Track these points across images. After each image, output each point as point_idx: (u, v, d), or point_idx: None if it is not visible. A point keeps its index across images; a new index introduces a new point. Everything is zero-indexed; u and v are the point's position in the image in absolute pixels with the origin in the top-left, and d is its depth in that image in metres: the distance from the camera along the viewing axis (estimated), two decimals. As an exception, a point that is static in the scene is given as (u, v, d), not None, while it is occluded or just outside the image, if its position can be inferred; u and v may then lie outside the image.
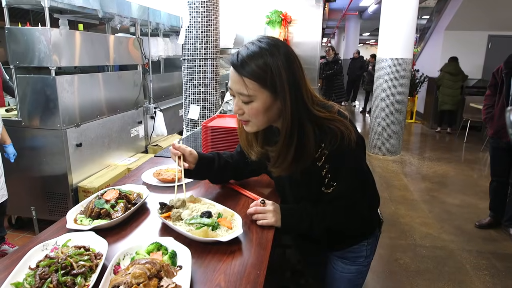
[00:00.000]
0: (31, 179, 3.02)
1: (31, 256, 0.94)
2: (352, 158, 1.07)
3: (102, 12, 3.31)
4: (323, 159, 1.06)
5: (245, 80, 1.00)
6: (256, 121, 1.07)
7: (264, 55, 0.99)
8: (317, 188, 1.11)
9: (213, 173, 1.39)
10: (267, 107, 1.03)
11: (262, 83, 0.99)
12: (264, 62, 0.98)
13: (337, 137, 1.02)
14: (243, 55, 1.01)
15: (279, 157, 1.08)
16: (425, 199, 4.13)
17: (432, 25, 8.70)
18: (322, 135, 1.04)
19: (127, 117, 3.81)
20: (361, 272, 1.34)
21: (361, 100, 12.19)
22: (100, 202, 1.20)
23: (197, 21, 3.00)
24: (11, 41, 2.77)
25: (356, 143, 1.04)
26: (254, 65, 0.99)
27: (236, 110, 1.08)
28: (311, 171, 1.09)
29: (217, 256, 1.01)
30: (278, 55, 1.00)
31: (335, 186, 1.09)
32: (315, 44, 5.44)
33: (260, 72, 0.99)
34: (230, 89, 1.07)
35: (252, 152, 1.22)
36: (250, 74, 0.99)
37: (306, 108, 1.04)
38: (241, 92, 1.02)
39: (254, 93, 1.01)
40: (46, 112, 2.87)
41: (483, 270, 2.77)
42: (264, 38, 1.04)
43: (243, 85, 1.01)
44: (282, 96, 1.00)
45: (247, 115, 1.06)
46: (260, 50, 1.00)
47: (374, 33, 18.21)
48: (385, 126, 5.60)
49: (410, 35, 5.33)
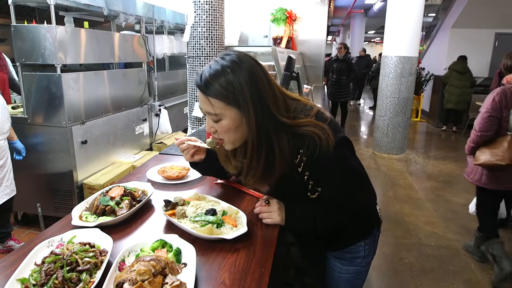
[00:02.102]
0: (36, 176, 3.04)
1: (37, 252, 0.95)
2: (332, 161, 1.03)
3: (107, 10, 3.31)
4: (302, 166, 1.05)
5: (211, 100, 1.00)
6: (229, 138, 1.07)
7: (226, 73, 0.99)
8: (301, 193, 1.11)
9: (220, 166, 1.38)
10: (236, 124, 1.03)
11: (227, 101, 1.00)
12: (226, 81, 0.99)
13: (314, 143, 1.00)
14: (206, 75, 1.01)
15: (250, 170, 1.09)
16: (430, 198, 4.10)
17: (438, 22, 8.63)
18: (298, 141, 1.02)
19: (132, 114, 3.82)
20: (360, 272, 1.33)
21: (366, 99, 12.15)
22: (105, 199, 1.21)
23: (202, 18, 3.00)
24: (17, 39, 2.79)
25: (336, 145, 1.01)
26: (217, 84, 0.99)
27: (208, 128, 1.08)
28: (293, 178, 1.08)
29: (222, 253, 1.01)
30: (239, 71, 0.99)
31: (319, 191, 1.09)
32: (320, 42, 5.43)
33: (223, 91, 0.99)
34: (200, 108, 1.08)
35: (230, 166, 1.23)
36: (214, 93, 0.99)
37: (274, 119, 1.02)
38: (209, 112, 1.03)
39: (221, 112, 1.01)
40: (51, 109, 2.88)
41: (488, 270, 2.75)
42: (227, 55, 1.04)
43: (210, 105, 1.01)
44: (246, 111, 1.00)
45: (220, 133, 1.06)
46: (222, 68, 1.00)
47: (380, 31, 18.13)
48: (390, 124, 5.57)
49: (416, 33, 5.29)
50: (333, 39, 24.95)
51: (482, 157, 2.48)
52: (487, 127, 2.45)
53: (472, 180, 2.66)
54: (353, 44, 15.05)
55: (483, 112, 2.47)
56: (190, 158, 1.32)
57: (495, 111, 2.43)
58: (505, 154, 2.37)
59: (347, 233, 1.26)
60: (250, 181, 1.12)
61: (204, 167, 1.39)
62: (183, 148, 1.31)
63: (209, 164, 1.36)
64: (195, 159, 1.33)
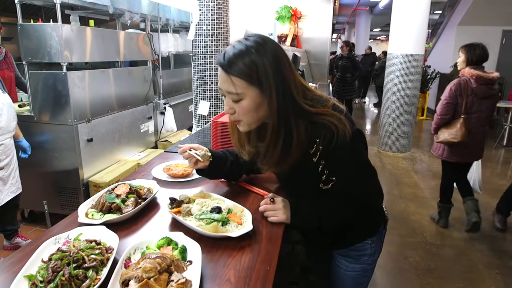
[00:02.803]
0: (43, 173, 3.07)
1: (44, 249, 0.96)
2: (348, 151, 1.05)
3: (113, 8, 3.32)
4: (318, 155, 1.05)
5: (233, 79, 1.00)
6: (247, 119, 1.07)
7: (251, 53, 0.99)
8: (314, 184, 1.11)
9: (226, 171, 1.39)
10: (256, 105, 1.03)
11: (250, 81, 1.00)
12: (250, 60, 0.99)
13: (331, 132, 1.01)
14: (230, 54, 1.01)
15: (267, 153, 1.08)
16: (436, 197, 4.05)
17: (445, 20, 8.56)
18: (315, 130, 1.03)
19: (137, 112, 3.83)
20: (366, 270, 1.32)
21: (371, 97, 12.09)
22: (111, 197, 1.21)
23: (207, 16, 3.00)
24: (24, 37, 2.80)
25: (352, 137, 1.03)
26: (241, 63, 0.99)
27: (227, 109, 1.08)
28: (307, 168, 1.08)
29: (227, 251, 1.01)
30: (264, 53, 1.00)
31: (334, 181, 1.07)
32: (325, 40, 5.41)
33: (247, 70, 0.99)
34: (220, 89, 1.08)
35: (244, 152, 1.22)
36: (237, 72, 0.99)
37: (295, 103, 1.03)
38: (230, 91, 1.02)
39: (242, 91, 1.01)
40: (57, 107, 2.90)
41: (495, 269, 2.74)
42: (251, 36, 1.04)
43: (231, 84, 1.01)
44: (269, 93, 1.00)
45: (238, 114, 1.06)
46: (247, 48, 1.00)
47: (385, 29, 18.02)
48: (396, 122, 5.54)
49: (422, 30, 5.25)
50: (338, 37, 24.84)
51: (441, 136, 3.04)
52: (445, 111, 3.00)
53: (437, 154, 3.24)
54: (359, 42, 14.96)
55: (443, 99, 3.02)
56: (194, 166, 1.32)
57: (451, 98, 2.96)
58: (457, 133, 2.94)
59: (354, 231, 1.25)
60: (266, 165, 1.12)
61: (209, 173, 1.38)
62: (185, 157, 1.31)
63: (215, 170, 1.36)
64: (199, 166, 1.32)
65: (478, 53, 2.99)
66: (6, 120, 2.47)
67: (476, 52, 2.99)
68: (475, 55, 2.98)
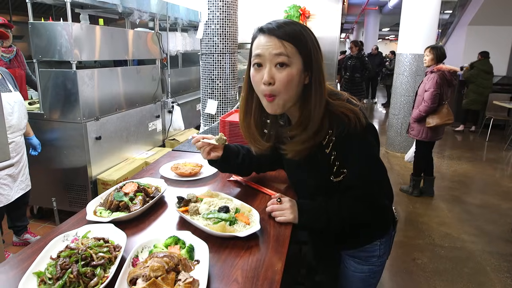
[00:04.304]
0: (52, 170, 3.10)
1: (52, 246, 0.96)
2: (361, 144, 1.05)
3: (122, 7, 3.34)
4: (330, 146, 1.05)
5: (283, 42, 0.99)
6: (286, 93, 1.02)
7: (298, 26, 1.02)
8: (325, 176, 1.10)
9: (238, 164, 1.39)
10: (299, 77, 1.02)
11: (299, 47, 1.00)
12: (300, 31, 1.01)
13: (344, 123, 1.01)
14: (279, 22, 1.02)
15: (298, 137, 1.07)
16: (445, 199, 4.04)
17: (455, 20, 8.46)
18: (330, 121, 1.04)
19: (145, 111, 3.85)
20: (374, 272, 1.31)
21: (379, 97, 12.00)
22: (119, 195, 1.22)
23: (216, 15, 3.00)
24: (34, 36, 2.83)
25: (365, 129, 1.03)
26: (291, 30, 1.00)
27: (267, 79, 1.00)
28: (319, 159, 1.08)
29: (235, 251, 1.01)
30: (310, 33, 1.03)
31: (345, 173, 1.07)
32: (333, 40, 5.37)
33: (298, 36, 1.00)
34: (259, 56, 1.02)
35: (259, 146, 1.21)
36: (288, 35, 0.99)
37: (324, 89, 1.05)
38: (280, 52, 0.99)
39: (291, 55, 1.00)
40: (67, 105, 2.93)
41: (505, 272, 2.70)
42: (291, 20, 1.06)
43: (281, 46, 0.99)
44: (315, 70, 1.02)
45: (278, 85, 1.01)
46: (292, 22, 1.03)
47: (394, 29, 17.86)
48: (404, 123, 5.48)
49: (432, 30, 5.19)
50: (346, 37, 24.69)
51: (432, 121, 3.59)
52: (435, 100, 3.53)
53: (421, 138, 3.75)
54: (367, 42, 14.84)
55: (432, 91, 3.52)
56: (207, 156, 1.33)
57: (438, 89, 3.52)
58: (449, 116, 3.59)
59: (364, 231, 1.24)
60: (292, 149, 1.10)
61: (222, 164, 1.38)
62: (198, 146, 1.31)
63: (228, 161, 1.36)
64: (212, 157, 1.33)
65: (442, 52, 3.63)
66: (17, 118, 2.50)
67: (441, 51, 3.63)
68: (441, 53, 3.62)
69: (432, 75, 3.57)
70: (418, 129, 3.74)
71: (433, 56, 3.61)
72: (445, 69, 3.55)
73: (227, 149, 1.34)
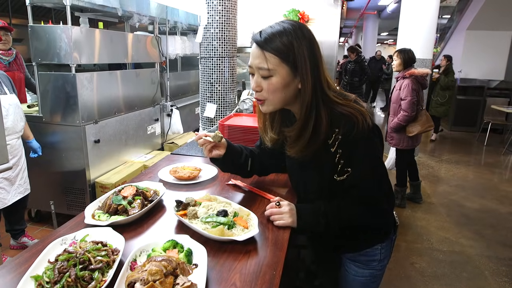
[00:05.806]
0: (50, 173, 3.09)
1: (50, 250, 0.96)
2: (367, 144, 1.06)
3: (122, 11, 3.35)
4: (336, 145, 1.06)
5: (266, 55, 1.03)
6: (273, 98, 1.08)
7: (288, 34, 1.03)
8: (329, 175, 1.10)
9: (240, 164, 1.39)
10: (285, 84, 1.05)
11: (284, 58, 1.02)
12: (288, 40, 1.02)
13: (351, 122, 1.03)
14: (267, 33, 1.04)
15: (296, 138, 1.10)
16: (443, 203, 4.04)
17: (453, 24, 8.51)
18: (335, 120, 1.05)
19: (144, 114, 3.85)
20: (375, 276, 1.31)
21: (378, 101, 12.03)
22: (118, 198, 1.21)
23: (215, 19, 3.01)
24: (34, 39, 2.83)
25: (371, 130, 1.05)
26: (278, 41, 1.02)
27: (254, 87, 1.09)
28: (324, 158, 1.09)
29: (233, 255, 1.01)
30: (302, 37, 1.04)
31: (349, 172, 1.07)
32: (332, 44, 5.39)
33: (283, 48, 1.02)
34: (249, 66, 1.10)
35: (267, 137, 1.26)
36: (272, 48, 1.03)
37: (323, 91, 1.07)
38: (261, 67, 1.05)
39: (274, 68, 1.03)
40: (66, 108, 2.93)
41: (503, 276, 2.70)
42: (287, 21, 1.08)
43: (264, 59, 1.03)
44: (304, 76, 1.03)
45: (265, 92, 1.08)
46: (284, 29, 1.04)
47: (393, 33, 17.95)
48: (403, 127, 5.49)
49: (430, 34, 5.22)
50: (345, 41, 24.78)
51: (414, 129, 3.48)
52: (414, 109, 3.42)
53: (402, 147, 3.63)
54: (366, 46, 14.92)
55: (409, 99, 3.39)
56: (209, 154, 1.33)
57: (415, 96, 3.40)
58: (430, 122, 3.51)
59: (365, 235, 1.24)
60: (293, 150, 1.13)
61: (223, 163, 1.38)
62: (200, 144, 1.32)
63: (229, 160, 1.36)
64: (213, 155, 1.33)
65: (410, 56, 3.49)
66: (12, 121, 2.49)
67: (409, 55, 3.49)
68: (409, 58, 3.48)
69: (406, 81, 3.43)
70: (399, 138, 3.63)
71: (401, 60, 3.49)
72: (417, 73, 3.42)
73: (229, 149, 1.34)
